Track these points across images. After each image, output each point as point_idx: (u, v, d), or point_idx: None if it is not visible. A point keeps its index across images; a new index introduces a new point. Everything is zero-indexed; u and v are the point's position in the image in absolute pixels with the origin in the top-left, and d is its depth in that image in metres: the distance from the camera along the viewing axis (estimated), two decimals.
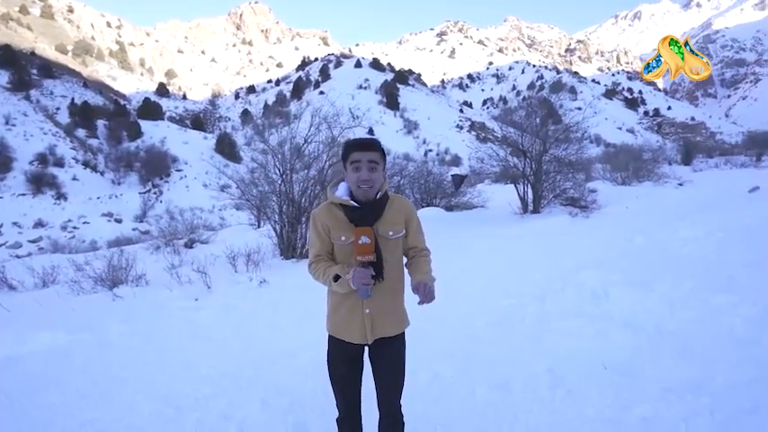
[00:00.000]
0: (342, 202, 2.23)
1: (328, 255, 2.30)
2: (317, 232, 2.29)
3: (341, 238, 2.22)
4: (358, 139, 2.26)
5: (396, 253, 2.27)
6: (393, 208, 2.27)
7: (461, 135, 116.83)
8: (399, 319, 2.32)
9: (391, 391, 2.32)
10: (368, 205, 2.20)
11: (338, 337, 2.31)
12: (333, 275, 2.18)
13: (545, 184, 14.34)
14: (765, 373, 3.08)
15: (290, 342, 4.75)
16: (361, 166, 2.16)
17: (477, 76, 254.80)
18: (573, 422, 2.85)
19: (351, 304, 2.24)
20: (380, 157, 2.21)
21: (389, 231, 2.22)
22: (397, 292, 2.30)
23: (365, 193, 2.19)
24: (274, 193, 10.76)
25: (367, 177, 2.16)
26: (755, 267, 5.67)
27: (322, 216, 2.28)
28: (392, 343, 2.30)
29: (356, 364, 2.33)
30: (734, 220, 9.36)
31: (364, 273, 2.08)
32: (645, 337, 3.93)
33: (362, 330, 2.23)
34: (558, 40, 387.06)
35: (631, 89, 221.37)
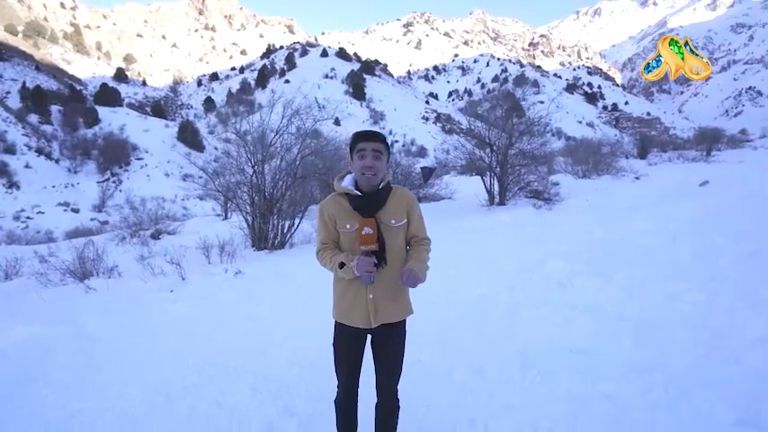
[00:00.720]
0: (347, 192, 2.38)
1: (334, 243, 2.46)
2: (324, 222, 2.45)
3: (346, 226, 2.37)
4: (364, 130, 2.44)
5: (398, 240, 2.40)
6: (395, 198, 2.41)
7: (427, 126, 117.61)
8: (402, 306, 2.46)
9: (391, 377, 2.49)
10: (371, 194, 2.35)
11: (344, 323, 2.48)
12: (338, 263, 2.33)
13: (510, 177, 14.77)
14: (712, 352, 3.43)
15: (271, 332, 4.89)
16: (366, 154, 2.31)
17: (443, 68, 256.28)
18: (544, 400, 3.12)
19: (355, 290, 2.39)
20: (384, 148, 2.36)
21: (392, 220, 2.37)
22: (397, 278, 2.40)
23: (368, 180, 2.32)
24: (246, 184, 10.75)
25: (371, 164, 2.30)
26: (702, 258, 6.14)
27: (328, 206, 2.44)
28: (394, 330, 2.45)
29: (359, 350, 2.50)
30: (684, 213, 9.96)
31: (367, 261, 2.25)
32: (606, 323, 4.26)
33: (366, 315, 2.38)
34: (522, 34, 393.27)
35: (591, 84, 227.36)
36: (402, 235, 2.43)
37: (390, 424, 2.55)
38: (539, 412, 2.97)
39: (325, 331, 4.70)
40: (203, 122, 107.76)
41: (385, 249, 2.33)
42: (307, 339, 4.56)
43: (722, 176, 16.93)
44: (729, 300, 4.43)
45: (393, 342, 2.47)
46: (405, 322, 2.51)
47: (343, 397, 2.57)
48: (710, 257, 6.10)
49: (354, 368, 2.51)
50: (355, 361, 2.50)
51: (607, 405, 2.94)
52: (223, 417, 3.24)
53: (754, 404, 2.68)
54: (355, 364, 2.51)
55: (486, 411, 3.05)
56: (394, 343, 2.48)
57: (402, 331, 2.50)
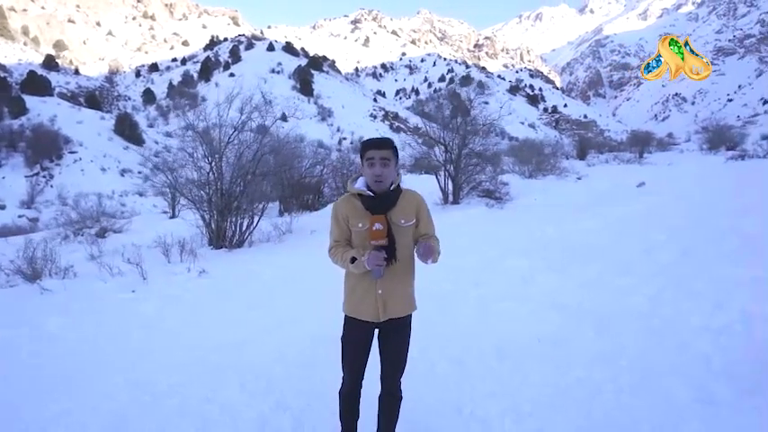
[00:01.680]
0: (360, 192, 2.53)
1: (346, 241, 2.60)
2: (337, 221, 2.60)
3: (358, 224, 2.51)
4: (373, 138, 2.57)
5: (406, 239, 2.54)
6: (405, 200, 2.56)
7: (375, 124, 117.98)
8: (408, 301, 2.63)
9: (395, 371, 2.65)
10: (382, 195, 2.49)
11: (354, 317, 2.61)
12: (350, 258, 2.47)
13: (463, 177, 15.23)
14: (665, 340, 3.82)
15: (246, 330, 4.92)
16: (375, 162, 2.45)
17: (391, 66, 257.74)
18: (521, 387, 3.38)
19: (366, 286, 2.53)
20: (392, 154, 2.50)
21: (401, 219, 2.51)
22: (407, 275, 2.61)
23: (378, 186, 2.48)
24: (202, 180, 10.56)
25: (380, 172, 2.44)
26: (646, 254, 6.68)
27: (342, 207, 2.59)
28: (401, 326, 2.61)
29: (367, 344, 2.64)
30: (626, 213, 10.69)
31: (377, 255, 2.38)
32: (568, 315, 4.60)
33: (375, 309, 2.53)
34: (468, 35, 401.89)
35: (533, 86, 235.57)
36: (411, 235, 2.58)
37: (393, 414, 2.71)
38: (519, 398, 3.22)
39: (302, 327, 4.83)
40: (142, 115, 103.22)
41: (395, 246, 2.46)
42: (285, 336, 4.64)
43: (656, 178, 18.14)
44: (673, 293, 4.89)
45: (399, 336, 2.63)
46: (411, 318, 2.68)
47: (348, 390, 2.70)
48: (653, 254, 6.65)
49: (361, 362, 2.65)
50: (363, 355, 2.64)
51: (580, 389, 3.23)
52: (215, 412, 3.29)
53: (708, 385, 3.05)
54: (362, 358, 2.64)
55: (470, 400, 3.27)
56: (400, 337, 2.64)
57: (408, 326, 2.66)
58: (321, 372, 3.75)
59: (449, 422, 3.05)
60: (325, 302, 5.66)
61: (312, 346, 4.28)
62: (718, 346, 3.53)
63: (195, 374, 3.87)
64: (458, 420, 3.06)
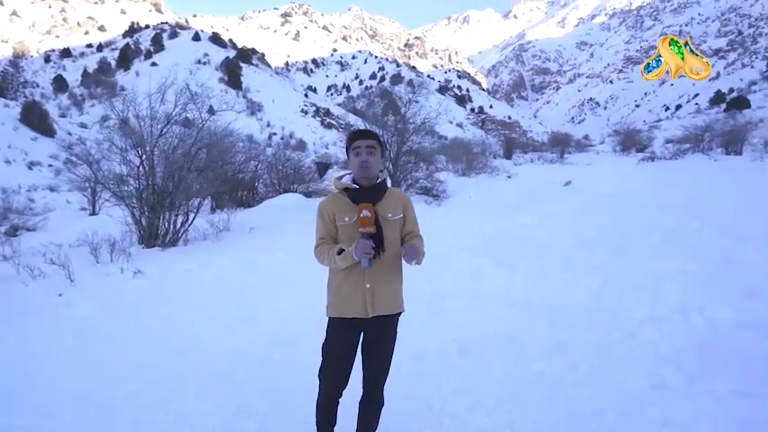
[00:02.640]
0: (346, 186, 2.53)
1: (332, 239, 2.57)
2: (323, 219, 2.58)
3: (345, 218, 2.50)
4: (358, 129, 2.66)
5: (394, 234, 2.55)
6: (391, 195, 2.60)
7: (306, 120, 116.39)
8: (396, 299, 2.62)
9: (379, 375, 2.61)
10: (369, 188, 2.51)
11: (340, 316, 2.53)
12: (337, 250, 2.43)
13: (401, 174, 15.38)
14: (613, 331, 4.05)
15: (195, 333, 4.68)
16: (361, 150, 2.50)
17: (322, 62, 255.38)
18: (486, 381, 3.45)
19: (353, 280, 2.48)
20: (377, 144, 2.56)
21: (389, 213, 2.53)
22: (395, 271, 2.60)
23: (365, 172, 2.50)
24: (132, 175, 9.91)
25: (366, 159, 2.49)
26: (583, 250, 7.06)
27: (328, 204, 2.59)
28: (388, 326, 2.57)
29: (353, 347, 2.56)
30: (558, 210, 11.23)
31: (366, 243, 2.35)
32: (519, 309, 4.77)
33: (363, 305, 2.47)
34: (398, 34, 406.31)
35: (461, 87, 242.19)
36: (398, 230, 2.59)
37: (374, 420, 2.68)
38: (485, 392, 3.28)
39: (258, 328, 4.66)
40: (53, 104, 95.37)
41: (383, 236, 2.44)
42: (241, 338, 4.46)
43: (580, 177, 19.24)
44: (614, 286, 5.21)
45: (386, 337, 2.59)
46: (397, 319, 2.65)
47: (326, 401, 2.62)
48: (589, 250, 7.04)
49: (346, 368, 2.56)
50: (348, 360, 2.56)
51: (542, 382, 3.35)
52: (172, 422, 3.09)
53: (660, 370, 3.26)
54: (348, 363, 2.56)
55: (438, 396, 3.29)
56: (386, 339, 2.60)
57: (395, 327, 2.64)
58: (284, 373, 3.64)
59: (421, 419, 3.05)
60: (279, 302, 5.52)
61: (271, 348, 4.15)
62: (663, 335, 3.80)
63: (146, 382, 3.62)
64: (430, 417, 3.07)
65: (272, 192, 18.71)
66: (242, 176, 18.08)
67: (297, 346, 4.19)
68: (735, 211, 9.51)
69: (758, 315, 4.02)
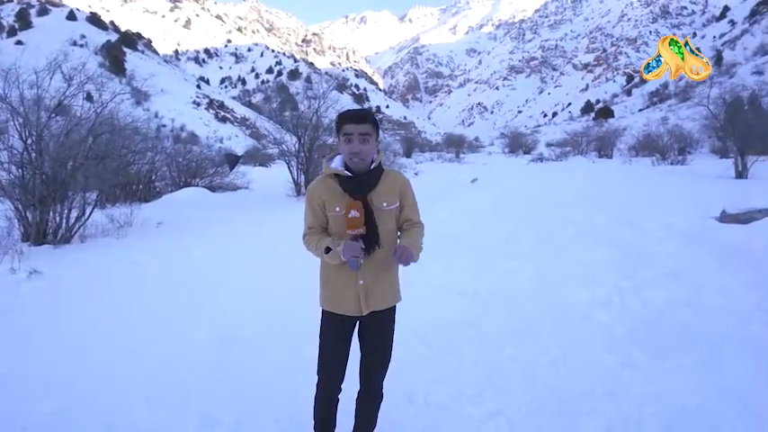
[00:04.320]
0: (336, 173, 2.26)
1: (321, 227, 2.35)
2: (311, 205, 2.34)
3: (335, 208, 2.26)
4: (351, 110, 2.28)
5: (389, 224, 2.33)
6: (388, 180, 2.33)
7: (199, 112, 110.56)
8: (393, 291, 2.42)
9: (377, 368, 2.44)
10: (362, 176, 2.26)
11: (332, 311, 2.34)
12: (324, 248, 2.22)
13: (314, 168, 15.10)
14: (566, 315, 4.22)
15: (126, 337, 4.13)
16: (353, 138, 2.20)
17: (216, 53, 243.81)
18: (460, 370, 3.41)
19: (345, 276, 2.28)
20: (373, 129, 2.26)
21: (383, 202, 2.29)
22: (390, 262, 2.34)
23: (357, 165, 2.23)
24: (14, 162, 8.63)
25: (358, 150, 2.20)
26: (509, 242, 7.35)
27: (317, 189, 2.33)
28: (384, 319, 2.39)
29: (347, 339, 2.39)
30: (471, 205, 11.66)
31: (354, 246, 2.15)
32: (470, 299, 4.82)
33: (357, 302, 2.29)
34: (296, 29, 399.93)
35: (358, 86, 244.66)
36: (394, 219, 2.37)
37: (372, 416, 2.51)
38: (462, 381, 3.24)
39: (200, 329, 4.24)
40: None
41: (377, 233, 2.24)
42: (184, 340, 4.03)
43: (483, 175, 20.23)
44: (551, 274, 5.46)
45: (383, 329, 2.42)
46: (395, 309, 2.48)
47: (325, 394, 2.43)
48: (516, 241, 7.36)
49: (342, 361, 2.40)
50: (344, 353, 2.40)
51: (516, 366, 3.38)
52: None
53: (622, 350, 3.44)
54: (343, 356, 2.40)
55: (419, 388, 3.19)
56: (384, 331, 2.43)
57: (392, 318, 2.47)
58: (245, 375, 3.33)
59: (409, 412, 2.93)
60: (214, 301, 5.08)
61: (222, 349, 3.78)
62: (614, 317, 4.04)
63: (78, 396, 3.09)
64: (415, 410, 2.96)
65: (172, 186, 17.49)
66: (137, 168, 16.66)
67: (249, 345, 3.87)
68: (627, 205, 10.50)
69: (684, 294, 4.44)
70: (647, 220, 8.30)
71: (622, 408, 2.67)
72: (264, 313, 4.64)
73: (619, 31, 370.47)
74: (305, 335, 4.04)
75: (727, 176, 17.75)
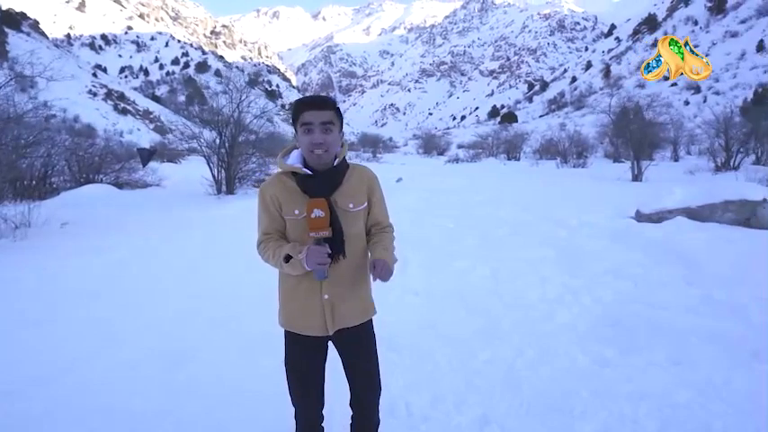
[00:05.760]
0: (293, 170, 1.95)
1: (279, 233, 2.02)
2: (266, 207, 2.00)
3: (294, 211, 1.95)
4: (309, 97, 1.96)
5: (356, 228, 2.04)
6: (354, 178, 2.05)
7: (96, 103, 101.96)
8: (364, 305, 2.12)
9: (368, 394, 2.18)
10: (324, 173, 1.95)
11: (293, 331, 2.04)
12: (284, 256, 1.90)
13: (237, 166, 14.42)
14: (530, 312, 4.25)
15: (38, 358, 3.55)
16: (314, 128, 1.89)
17: (114, 39, 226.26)
18: (436, 375, 3.27)
19: (306, 290, 1.97)
20: (336, 116, 1.95)
21: (349, 203, 1.99)
22: (360, 271, 2.07)
23: (319, 158, 1.92)
24: None
25: (321, 140, 1.89)
26: (454, 241, 7.40)
27: (271, 188, 2.00)
28: (358, 333, 2.10)
29: (318, 361, 2.08)
30: (403, 204, 11.66)
31: (319, 251, 1.85)
32: (429, 299, 4.72)
33: (321, 320, 1.98)
34: (204, 20, 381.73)
35: (270, 82, 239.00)
36: (361, 221, 2.08)
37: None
38: (440, 387, 3.09)
39: (132, 344, 3.75)
40: None
41: (342, 237, 1.93)
42: (115, 357, 3.53)
43: (405, 175, 20.46)
44: (503, 272, 5.53)
45: (362, 346, 2.14)
46: (371, 321, 2.21)
47: (306, 425, 2.14)
48: (457, 240, 7.43)
49: (316, 386, 2.10)
50: (316, 378, 2.09)
51: (494, 369, 3.30)
52: None
53: (592, 347, 3.49)
54: (316, 381, 2.10)
55: (396, 397, 2.99)
56: (364, 346, 2.14)
57: (369, 332, 2.17)
58: (203, 399, 2.98)
59: (392, 425, 2.74)
60: (154, 309, 4.55)
61: (167, 367, 3.35)
62: (574, 315, 4.11)
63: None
64: (399, 421, 2.76)
65: (71, 182, 15.87)
66: (28, 162, 14.91)
67: (198, 362, 3.48)
68: (548, 205, 11.06)
69: (631, 291, 4.66)
70: (571, 219, 8.75)
71: (613, 408, 2.67)
72: (215, 322, 4.24)
73: (521, 41, 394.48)
74: (262, 342, 3.74)
75: (624, 179, 19.38)
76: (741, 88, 68.95)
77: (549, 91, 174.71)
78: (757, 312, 3.75)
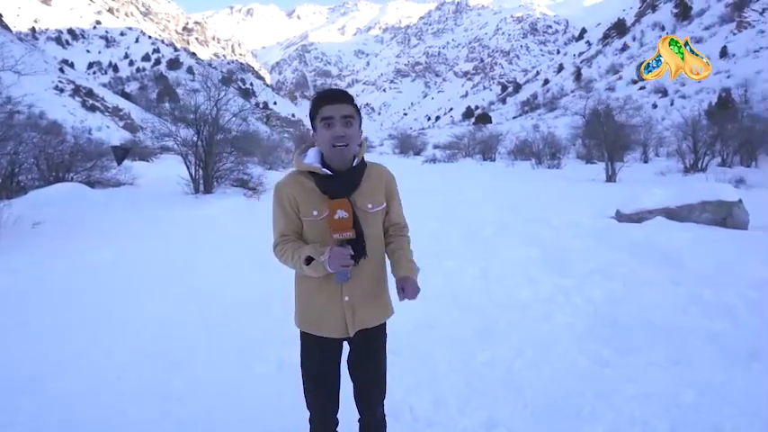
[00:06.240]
0: (312, 170, 1.90)
1: (296, 234, 1.97)
2: (283, 207, 1.96)
3: (312, 212, 1.90)
4: (328, 90, 1.93)
5: (375, 229, 2.02)
6: (372, 177, 2.01)
7: (63, 99, 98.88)
8: (384, 306, 2.11)
9: (376, 393, 2.16)
10: (343, 173, 1.91)
11: (312, 333, 2.00)
12: (305, 258, 1.86)
13: (215, 165, 14.16)
14: (526, 313, 4.25)
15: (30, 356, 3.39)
16: (335, 122, 1.86)
17: (82, 34, 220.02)
18: (436, 376, 3.22)
19: (328, 292, 1.95)
20: (355, 111, 1.92)
21: (368, 204, 1.96)
22: (379, 272, 2.07)
23: (341, 153, 1.88)
24: None
25: (342, 133, 1.86)
26: (439, 241, 7.39)
27: (288, 188, 1.95)
28: (374, 337, 2.10)
29: (335, 362, 2.07)
30: None
31: (342, 252, 1.83)
32: (422, 299, 4.63)
33: (342, 322, 1.97)
34: (176, 16, 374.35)
35: (244, 80, 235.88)
36: (380, 222, 2.05)
37: None
38: (441, 390, 3.05)
39: (123, 346, 3.61)
40: None
41: (364, 240, 1.91)
42: (108, 359, 3.40)
43: None
44: (492, 272, 5.54)
45: (375, 348, 2.13)
46: (385, 324, 2.18)
47: (320, 428, 2.11)
48: (443, 240, 7.43)
49: (334, 388, 2.09)
50: (334, 379, 2.08)
51: (495, 370, 3.28)
52: None
53: (590, 347, 3.49)
54: (334, 383, 2.09)
55: (399, 401, 2.94)
56: (376, 349, 2.13)
57: (383, 334, 2.17)
58: (203, 407, 2.89)
59: (398, 426, 2.70)
60: (141, 312, 4.39)
61: (162, 372, 3.23)
62: (568, 315, 4.12)
63: None
64: (405, 426, 2.72)
65: (40, 180, 15.33)
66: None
67: (195, 366, 3.38)
68: (529, 205, 11.18)
69: (621, 291, 4.71)
70: (553, 219, 8.84)
71: (621, 409, 2.67)
72: (209, 325, 4.13)
73: (495, 43, 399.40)
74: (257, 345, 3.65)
75: (599, 180, 19.78)
76: (706, 92, 71.07)
77: (522, 93, 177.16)
78: (746, 312, 3.84)
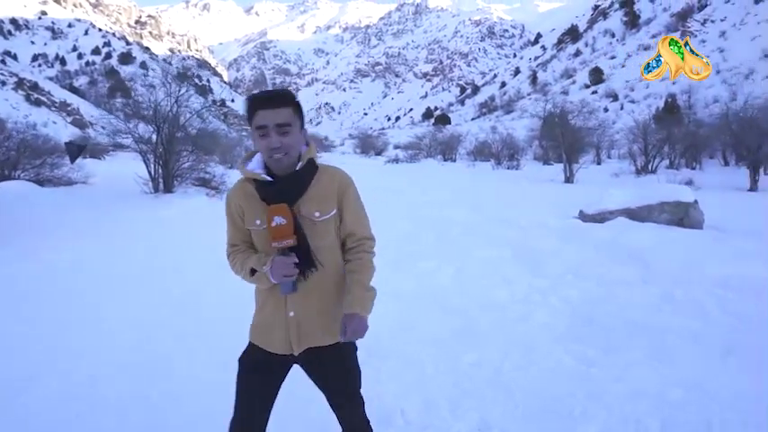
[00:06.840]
0: (253, 177, 1.76)
1: (246, 244, 1.86)
2: (231, 217, 1.85)
3: (255, 221, 1.77)
4: (263, 93, 1.74)
5: (327, 239, 1.82)
6: (322, 181, 1.81)
7: (4, 93, 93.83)
8: (336, 324, 1.78)
9: (346, 404, 1.98)
10: (285, 179, 1.75)
11: (257, 345, 1.85)
12: (248, 269, 1.77)
13: (177, 163, 13.71)
14: (506, 314, 4.27)
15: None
16: (269, 131, 1.68)
17: (26, 25, 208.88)
18: (424, 379, 3.18)
19: (273, 305, 1.80)
20: (294, 114, 1.74)
21: (315, 212, 1.77)
22: (330, 288, 1.85)
23: (279, 162, 1.72)
24: None
25: (278, 144, 1.69)
26: (412, 241, 7.39)
27: (234, 196, 1.84)
28: (329, 354, 1.85)
29: (270, 377, 1.86)
30: None
31: (285, 262, 1.69)
32: (400, 300, 4.63)
33: (286, 338, 1.79)
34: (128, 8, 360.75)
35: (201, 76, 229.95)
36: (333, 231, 1.84)
37: None
38: (430, 393, 3.02)
39: (83, 355, 3.41)
40: None
41: (309, 248, 1.74)
42: (73, 373, 3.21)
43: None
44: (466, 272, 5.57)
45: (333, 362, 1.88)
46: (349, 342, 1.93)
47: None
48: (415, 240, 7.43)
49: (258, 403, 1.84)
50: (258, 395, 1.85)
51: (483, 371, 3.26)
52: None
53: (571, 346, 3.54)
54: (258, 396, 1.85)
55: (389, 405, 2.89)
56: (335, 362, 1.89)
57: (344, 351, 1.89)
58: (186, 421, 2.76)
59: (390, 431, 2.67)
60: (95, 323, 4.18)
61: (139, 384, 3.07)
62: (548, 315, 4.17)
63: None
64: (397, 428, 2.69)
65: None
66: None
67: (174, 377, 3.22)
68: (494, 205, 11.37)
69: (596, 291, 4.82)
70: (520, 219, 9.01)
71: (612, 407, 2.70)
72: (186, 332, 3.95)
73: (453, 45, 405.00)
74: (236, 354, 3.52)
75: (557, 181, 20.34)
76: (653, 98, 74.56)
77: (480, 95, 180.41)
78: (716, 309, 4.00)
